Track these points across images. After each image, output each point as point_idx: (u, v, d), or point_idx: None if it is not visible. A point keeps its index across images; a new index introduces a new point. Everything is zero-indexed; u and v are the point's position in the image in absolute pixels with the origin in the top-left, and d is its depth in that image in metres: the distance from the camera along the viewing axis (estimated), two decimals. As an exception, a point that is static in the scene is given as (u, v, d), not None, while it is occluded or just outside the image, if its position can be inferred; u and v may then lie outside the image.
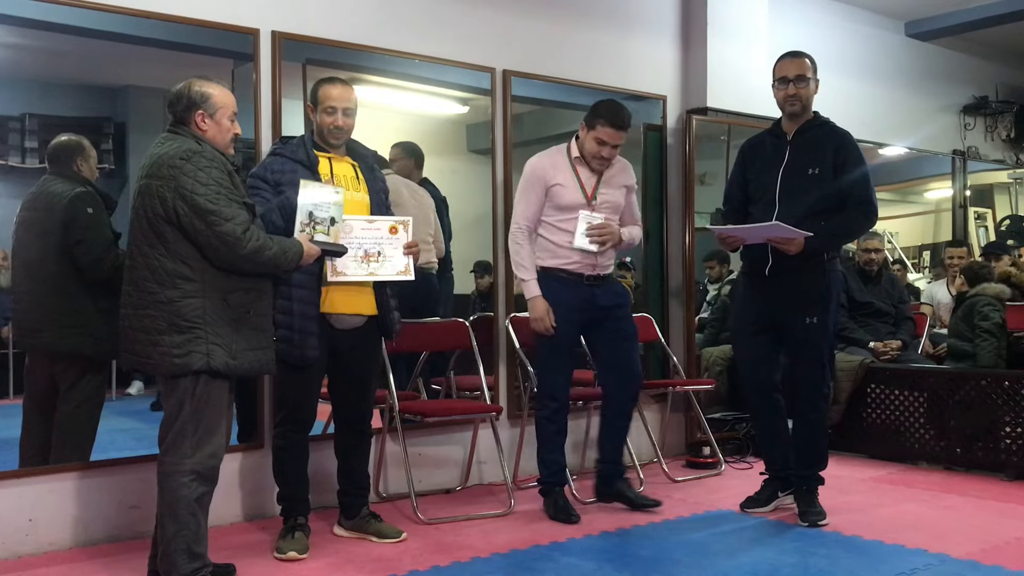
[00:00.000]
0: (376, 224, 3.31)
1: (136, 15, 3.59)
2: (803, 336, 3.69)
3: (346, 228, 3.21)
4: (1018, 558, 3.24)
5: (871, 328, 5.32)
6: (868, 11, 6.74)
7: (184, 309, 2.73)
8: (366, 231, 3.28)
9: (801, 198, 3.65)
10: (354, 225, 3.25)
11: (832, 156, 3.67)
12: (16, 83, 3.69)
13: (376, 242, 3.29)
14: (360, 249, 3.26)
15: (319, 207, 3.11)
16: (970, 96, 7.66)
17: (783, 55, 3.81)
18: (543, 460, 3.93)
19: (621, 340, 3.95)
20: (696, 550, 3.39)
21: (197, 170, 2.72)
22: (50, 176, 3.60)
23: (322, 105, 3.35)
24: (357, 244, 3.25)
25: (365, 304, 3.39)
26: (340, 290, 3.30)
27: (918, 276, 7.91)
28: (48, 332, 3.53)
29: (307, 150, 3.34)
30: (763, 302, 3.74)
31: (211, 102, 2.86)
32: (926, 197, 8.70)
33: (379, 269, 3.29)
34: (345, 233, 3.20)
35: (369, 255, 3.28)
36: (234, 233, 2.75)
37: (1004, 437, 4.56)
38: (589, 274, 3.87)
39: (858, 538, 3.50)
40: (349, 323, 3.36)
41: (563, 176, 3.87)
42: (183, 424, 2.76)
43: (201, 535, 2.80)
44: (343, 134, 3.39)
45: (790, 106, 3.72)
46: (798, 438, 3.81)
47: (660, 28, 5.33)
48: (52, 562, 3.29)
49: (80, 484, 3.48)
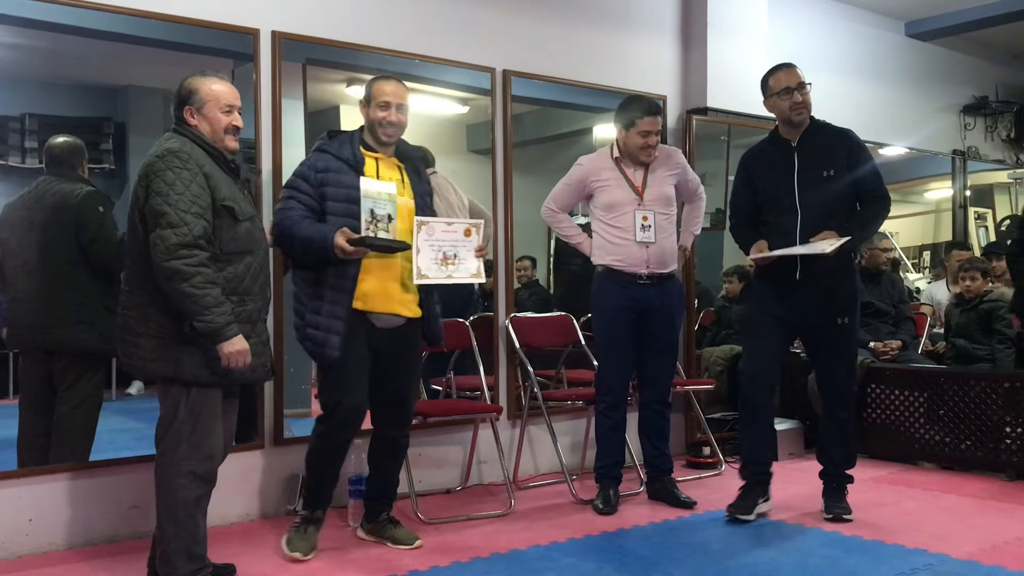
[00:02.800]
0: (454, 227, 3.31)
1: (136, 15, 3.59)
2: (837, 337, 3.73)
3: (428, 230, 3.22)
4: (1018, 558, 3.23)
5: (871, 328, 5.32)
6: (868, 11, 6.73)
7: (156, 314, 2.71)
8: (445, 233, 3.27)
9: (820, 201, 3.68)
10: (435, 227, 3.25)
11: (845, 156, 3.72)
12: (16, 83, 3.69)
13: (453, 244, 3.28)
14: (439, 252, 3.25)
15: (378, 203, 3.14)
16: (970, 96, 7.66)
17: (777, 68, 3.82)
18: (597, 453, 4.14)
19: (659, 351, 4.11)
20: (696, 550, 3.39)
21: (166, 170, 2.67)
22: (51, 176, 3.59)
23: (376, 100, 3.29)
24: (437, 247, 3.25)
25: (404, 305, 3.32)
26: (377, 288, 3.24)
27: (918, 276, 7.91)
28: (56, 329, 3.52)
29: (353, 148, 3.27)
30: (790, 306, 3.72)
31: (197, 96, 2.81)
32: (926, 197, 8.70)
33: (455, 272, 3.28)
34: (427, 235, 3.22)
35: (447, 258, 3.27)
36: (166, 240, 2.62)
37: (1004, 437, 4.56)
38: (643, 272, 3.97)
39: (858, 538, 3.50)
40: (388, 322, 3.29)
41: (607, 174, 4.06)
42: (179, 426, 2.75)
43: (200, 536, 2.80)
44: (396, 131, 3.31)
45: (797, 115, 3.74)
46: (827, 438, 3.85)
47: (660, 28, 5.33)
48: (52, 562, 3.29)
49: (80, 484, 3.48)
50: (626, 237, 3.98)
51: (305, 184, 3.20)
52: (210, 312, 2.64)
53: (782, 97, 3.74)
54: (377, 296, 3.23)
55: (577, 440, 4.83)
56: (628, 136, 4.01)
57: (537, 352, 4.63)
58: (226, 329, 2.67)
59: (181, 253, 2.61)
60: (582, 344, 4.68)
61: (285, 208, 3.20)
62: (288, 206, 3.19)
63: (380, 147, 3.32)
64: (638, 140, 3.98)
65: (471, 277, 3.35)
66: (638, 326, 4.03)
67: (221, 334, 2.66)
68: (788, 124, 3.79)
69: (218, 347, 2.67)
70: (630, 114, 4.01)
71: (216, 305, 2.65)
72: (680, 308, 4.20)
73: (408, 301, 3.32)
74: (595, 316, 4.13)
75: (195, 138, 2.80)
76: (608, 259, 4.02)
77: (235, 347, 2.69)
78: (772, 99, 3.80)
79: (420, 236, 3.20)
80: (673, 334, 4.16)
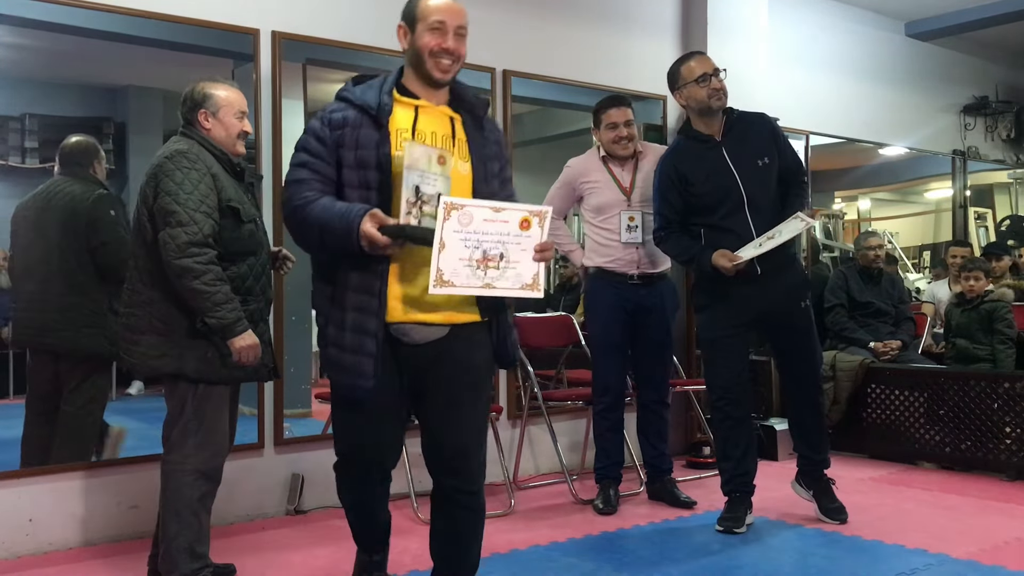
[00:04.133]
0: (504, 215, 2.23)
1: (136, 15, 3.59)
2: (805, 321, 3.74)
3: (463, 217, 2.19)
4: (1018, 558, 3.24)
5: (871, 328, 5.33)
6: (868, 11, 6.73)
7: (162, 311, 2.73)
8: (489, 224, 2.21)
9: (762, 190, 3.65)
10: (475, 214, 2.20)
11: (772, 141, 3.72)
12: (16, 83, 3.70)
13: (500, 240, 2.23)
14: (477, 249, 2.20)
15: (426, 177, 2.20)
16: (970, 96, 7.65)
17: (687, 57, 3.74)
18: (596, 453, 4.14)
19: (653, 351, 4.11)
20: (696, 550, 3.39)
21: (175, 169, 2.70)
22: (63, 177, 3.59)
23: (425, 22, 2.34)
24: (473, 242, 2.20)
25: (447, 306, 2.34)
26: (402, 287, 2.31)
27: (918, 276, 7.91)
28: (65, 331, 3.53)
29: (382, 92, 2.34)
30: (757, 304, 3.64)
31: (213, 100, 2.86)
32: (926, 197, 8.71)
33: (498, 280, 2.24)
34: (460, 224, 2.18)
35: (488, 258, 2.23)
36: (176, 239, 2.64)
37: (1004, 437, 4.56)
38: (633, 273, 3.98)
39: (858, 538, 3.50)
40: (421, 335, 2.33)
41: (596, 175, 4.07)
42: (185, 423, 2.77)
43: (203, 535, 2.81)
44: (452, 65, 2.37)
45: (717, 101, 3.64)
46: (806, 425, 3.81)
47: (660, 28, 5.33)
48: (52, 562, 3.29)
49: (80, 484, 3.48)
50: (615, 239, 4.00)
51: (318, 146, 2.32)
52: (221, 308, 2.68)
53: (700, 84, 3.62)
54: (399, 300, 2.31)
55: (577, 440, 4.83)
56: (602, 133, 4.08)
57: (537, 352, 4.63)
58: (237, 324, 2.71)
59: (192, 251, 2.65)
60: (582, 344, 4.67)
61: (294, 181, 2.32)
62: (297, 177, 2.32)
63: (428, 88, 2.40)
64: (609, 134, 4.04)
65: (522, 289, 2.26)
66: (631, 326, 4.04)
67: (232, 329, 2.70)
68: (705, 114, 3.67)
69: (229, 342, 2.71)
70: (598, 112, 4.10)
71: (227, 301, 2.69)
72: (673, 308, 4.19)
73: (453, 301, 2.32)
74: (588, 317, 4.16)
75: (203, 141, 2.83)
76: (599, 260, 4.04)
77: (246, 342, 2.73)
78: (687, 88, 3.66)
79: (448, 226, 2.16)
80: (667, 334, 4.14)
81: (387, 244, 2.18)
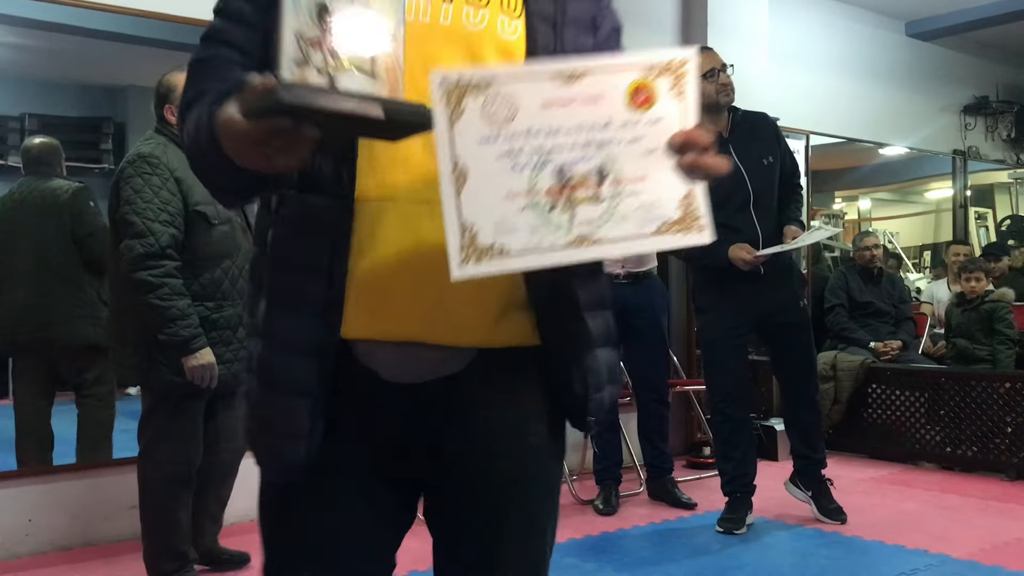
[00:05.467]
0: (590, 85, 0.94)
1: (136, 15, 3.58)
2: (803, 319, 3.75)
3: (497, 107, 0.91)
4: (1018, 558, 3.23)
5: (871, 328, 5.32)
6: (868, 11, 6.73)
7: (132, 320, 2.70)
8: (559, 111, 0.93)
9: (768, 189, 3.65)
10: (521, 97, 0.92)
11: (775, 140, 3.73)
12: (16, 83, 3.70)
13: (590, 140, 0.94)
14: (544, 168, 0.93)
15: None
16: (970, 96, 7.65)
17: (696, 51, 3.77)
18: (595, 455, 4.18)
19: (646, 350, 4.08)
20: (696, 550, 3.38)
21: (135, 176, 2.64)
22: (33, 177, 3.57)
23: None
24: (535, 153, 0.92)
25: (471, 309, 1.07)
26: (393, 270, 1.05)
27: (919, 276, 7.91)
28: (62, 325, 3.52)
29: None
30: (761, 303, 3.65)
31: (176, 93, 2.77)
32: (926, 197, 8.72)
33: (604, 224, 0.95)
34: (496, 123, 0.92)
35: (574, 183, 0.94)
36: (132, 251, 2.58)
37: (1004, 437, 4.56)
38: (619, 272, 3.96)
39: (858, 538, 3.50)
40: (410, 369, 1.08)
41: None
42: (156, 432, 2.76)
43: (182, 534, 2.80)
44: None
45: (724, 97, 3.63)
46: (804, 423, 3.80)
47: (660, 28, 5.32)
48: (52, 562, 3.29)
49: (80, 484, 3.48)
50: None
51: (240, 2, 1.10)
52: (174, 325, 2.59)
53: (708, 80, 3.58)
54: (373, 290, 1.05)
55: (577, 440, 4.81)
56: None
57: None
58: (192, 342, 2.61)
59: (147, 264, 2.58)
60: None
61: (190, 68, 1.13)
62: (197, 56, 1.12)
63: None
64: None
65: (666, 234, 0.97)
66: (621, 326, 4.00)
67: (185, 347, 2.61)
68: (712, 111, 3.64)
69: (182, 360, 2.62)
70: None
71: (181, 318, 2.59)
72: (663, 305, 4.17)
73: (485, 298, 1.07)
74: None
75: (175, 138, 2.73)
76: None
77: (198, 361, 2.63)
78: None
79: (465, 129, 0.92)
80: (659, 332, 4.11)
81: (248, 131, 0.89)
